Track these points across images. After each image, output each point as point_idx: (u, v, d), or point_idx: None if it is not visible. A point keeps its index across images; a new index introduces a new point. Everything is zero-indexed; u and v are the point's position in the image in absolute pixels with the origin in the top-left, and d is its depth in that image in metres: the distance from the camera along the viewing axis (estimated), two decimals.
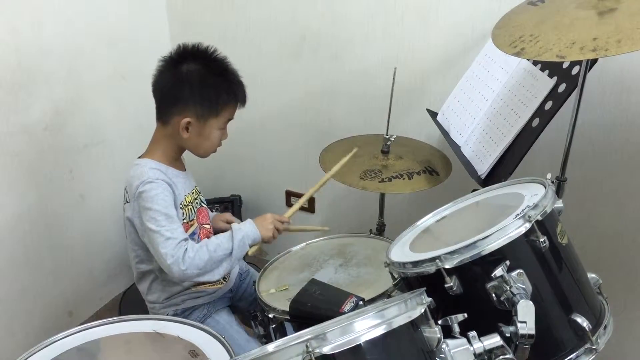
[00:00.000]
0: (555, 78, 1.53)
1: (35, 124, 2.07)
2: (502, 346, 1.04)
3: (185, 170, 1.68)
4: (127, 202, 1.59)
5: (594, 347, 1.16)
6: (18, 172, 2.05)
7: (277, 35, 2.38)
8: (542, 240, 1.14)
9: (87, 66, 2.22)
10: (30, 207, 2.13)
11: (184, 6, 2.53)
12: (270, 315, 1.52)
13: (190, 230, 1.61)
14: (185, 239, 1.51)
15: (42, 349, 1.25)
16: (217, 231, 1.78)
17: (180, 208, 1.59)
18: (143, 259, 1.64)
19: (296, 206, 1.74)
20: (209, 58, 1.58)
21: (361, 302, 1.36)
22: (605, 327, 1.21)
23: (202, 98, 1.54)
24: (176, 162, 1.65)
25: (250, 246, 1.60)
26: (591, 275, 1.29)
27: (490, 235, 1.15)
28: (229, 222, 1.81)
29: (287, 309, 1.47)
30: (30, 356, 1.22)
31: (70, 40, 2.14)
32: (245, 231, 1.59)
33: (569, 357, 1.16)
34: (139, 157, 1.62)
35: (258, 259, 1.66)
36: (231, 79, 1.59)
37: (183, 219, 1.58)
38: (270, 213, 1.67)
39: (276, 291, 1.62)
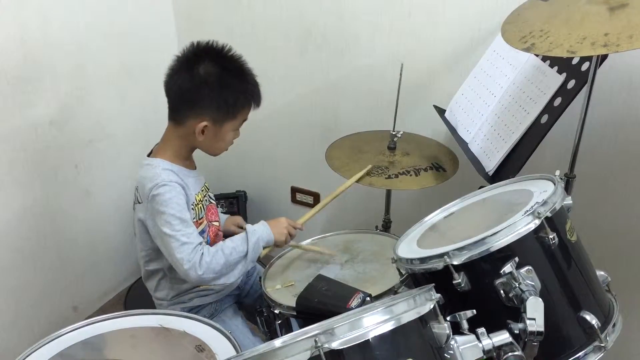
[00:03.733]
0: (564, 74, 1.52)
1: (40, 118, 2.07)
2: (511, 343, 1.03)
3: (195, 168, 1.67)
4: (139, 203, 1.57)
5: (602, 344, 1.15)
6: (24, 166, 2.05)
7: (283, 31, 2.37)
8: (551, 237, 1.13)
9: (93, 61, 2.22)
10: (36, 202, 2.13)
11: (189, 2, 2.52)
12: (276, 311, 1.51)
13: (200, 229, 1.60)
14: (201, 243, 1.50)
15: (48, 342, 1.25)
16: (227, 234, 1.78)
17: (192, 209, 1.57)
18: (152, 258, 1.63)
19: (310, 214, 1.77)
20: (226, 58, 1.54)
21: (368, 298, 1.35)
22: (614, 325, 1.20)
23: (220, 102, 1.51)
24: (187, 161, 1.63)
25: (264, 248, 1.60)
26: (600, 273, 1.28)
27: (499, 231, 1.14)
28: (240, 227, 1.80)
29: (293, 304, 1.47)
30: (36, 350, 1.22)
31: (77, 35, 2.14)
32: (260, 234, 1.59)
33: (577, 355, 1.15)
34: (149, 156, 1.60)
35: (264, 255, 1.66)
36: (248, 80, 1.56)
37: (193, 218, 1.57)
38: (284, 217, 1.68)
39: (282, 287, 1.62)
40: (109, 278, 2.55)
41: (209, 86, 1.49)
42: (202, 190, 1.65)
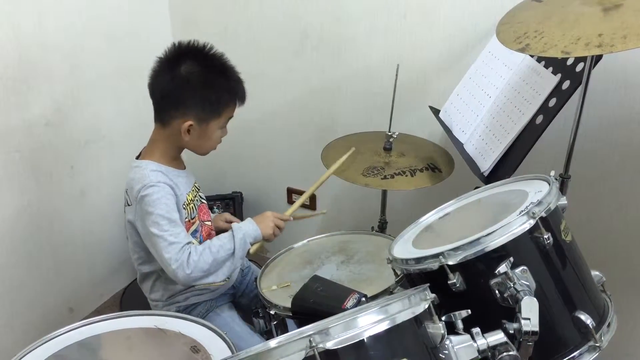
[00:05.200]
0: (559, 75, 1.52)
1: (36, 119, 2.07)
2: (505, 343, 1.03)
3: (184, 168, 1.67)
4: (129, 205, 1.57)
5: (597, 344, 1.15)
6: (19, 167, 2.05)
7: (278, 32, 2.37)
8: (546, 237, 1.13)
9: (88, 62, 2.22)
10: (31, 203, 2.12)
11: (185, 3, 2.52)
12: (272, 312, 1.51)
13: (192, 228, 1.60)
14: (189, 243, 1.50)
15: (43, 343, 1.25)
16: (217, 231, 1.78)
17: (183, 208, 1.58)
18: (145, 260, 1.63)
19: (297, 204, 1.76)
20: (207, 57, 1.54)
21: (363, 299, 1.35)
22: (608, 325, 1.21)
23: (204, 101, 1.51)
24: (176, 161, 1.63)
25: (252, 244, 1.59)
26: (595, 273, 1.28)
27: (494, 231, 1.14)
28: (229, 222, 1.81)
29: (288, 305, 1.47)
30: (31, 351, 1.22)
31: (72, 36, 2.13)
32: (246, 230, 1.58)
33: (572, 355, 1.15)
34: (138, 158, 1.60)
35: (259, 256, 1.66)
36: (231, 77, 1.57)
37: (185, 218, 1.57)
38: (270, 211, 1.66)
39: (278, 288, 1.62)
40: (105, 279, 2.54)
41: (191, 85, 1.50)
42: (193, 190, 1.66)
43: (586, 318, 1.14)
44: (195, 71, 1.50)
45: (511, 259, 1.13)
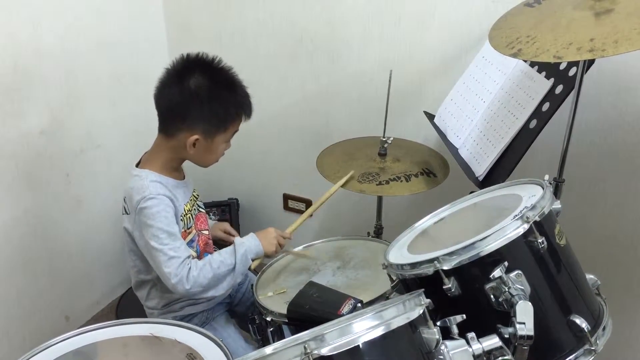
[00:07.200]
0: (552, 79, 1.53)
1: (31, 127, 2.06)
2: (501, 347, 1.03)
3: (184, 178, 1.66)
4: (127, 214, 1.56)
5: (592, 348, 1.16)
6: (14, 176, 2.04)
7: (274, 37, 2.38)
8: (540, 241, 1.14)
9: (83, 69, 2.21)
10: (27, 211, 2.12)
11: (180, 9, 2.53)
12: (268, 319, 1.51)
13: (189, 238, 1.60)
14: (189, 257, 1.50)
15: (39, 352, 1.23)
16: (214, 240, 1.78)
17: (180, 219, 1.57)
18: (141, 269, 1.63)
19: (297, 222, 1.76)
20: (216, 70, 1.53)
21: (359, 304, 1.35)
22: (604, 328, 1.21)
23: (211, 115, 1.50)
24: (177, 172, 1.63)
25: (253, 260, 1.59)
26: (589, 276, 1.29)
27: (489, 236, 1.15)
28: (227, 232, 1.80)
29: (285, 312, 1.47)
30: (28, 359, 1.21)
31: (67, 43, 2.13)
32: (248, 245, 1.58)
33: (567, 358, 1.16)
34: (138, 166, 1.59)
35: (255, 267, 1.66)
36: (239, 91, 1.55)
37: (182, 228, 1.57)
38: (273, 227, 1.66)
39: (274, 294, 1.62)
40: (101, 287, 2.54)
41: (199, 99, 1.49)
42: (191, 200, 1.65)
43: (581, 322, 1.15)
44: (204, 85, 1.49)
45: (506, 263, 1.13)
